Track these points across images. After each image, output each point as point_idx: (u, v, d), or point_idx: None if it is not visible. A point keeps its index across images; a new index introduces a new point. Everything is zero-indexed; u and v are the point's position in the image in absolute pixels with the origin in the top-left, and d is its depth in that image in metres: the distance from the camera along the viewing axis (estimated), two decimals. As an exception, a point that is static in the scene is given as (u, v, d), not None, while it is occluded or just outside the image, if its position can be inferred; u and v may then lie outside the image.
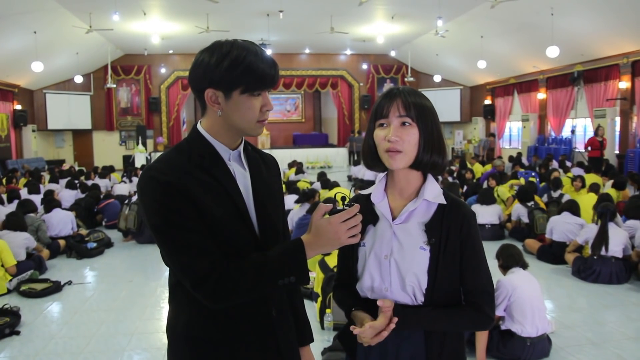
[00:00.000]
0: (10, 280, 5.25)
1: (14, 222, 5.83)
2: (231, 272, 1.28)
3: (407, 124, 1.44)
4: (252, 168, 1.47)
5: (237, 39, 1.39)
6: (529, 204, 7.21)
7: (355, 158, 17.55)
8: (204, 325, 1.39)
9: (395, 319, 1.39)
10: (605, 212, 5.36)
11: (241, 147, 1.46)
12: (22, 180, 11.40)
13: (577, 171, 10.59)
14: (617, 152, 12.41)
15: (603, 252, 5.26)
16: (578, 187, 7.81)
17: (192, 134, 1.43)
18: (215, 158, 1.39)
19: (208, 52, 1.36)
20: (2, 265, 5.20)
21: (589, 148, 12.08)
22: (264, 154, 1.59)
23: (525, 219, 7.10)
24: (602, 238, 5.29)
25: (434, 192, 1.49)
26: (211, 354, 1.40)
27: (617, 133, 12.49)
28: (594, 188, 7.19)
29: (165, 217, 1.29)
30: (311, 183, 9.65)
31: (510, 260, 3.75)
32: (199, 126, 1.43)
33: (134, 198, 8.06)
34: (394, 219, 1.50)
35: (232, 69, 1.31)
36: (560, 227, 6.05)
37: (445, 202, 1.48)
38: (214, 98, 1.35)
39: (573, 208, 6.11)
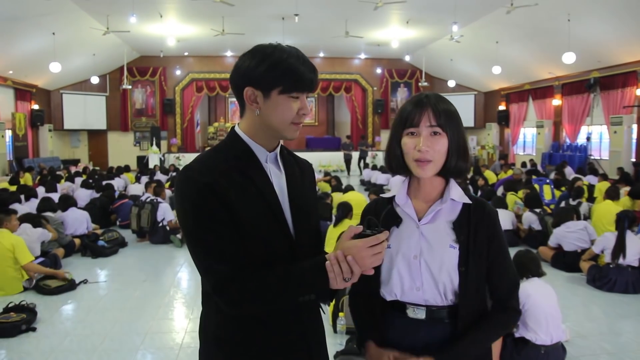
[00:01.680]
0: (28, 279, 5.30)
1: (31, 218, 5.90)
2: (253, 282, 1.30)
3: (437, 134, 1.47)
4: (288, 171, 1.49)
5: (280, 43, 1.42)
6: (538, 211, 7.15)
7: (362, 164, 17.32)
8: (234, 329, 1.41)
9: None
10: (622, 217, 5.29)
11: (278, 150, 1.48)
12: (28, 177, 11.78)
13: (590, 179, 10.49)
14: (633, 159, 12.27)
15: (620, 261, 5.20)
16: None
17: (230, 135, 1.47)
18: (251, 159, 1.42)
19: (251, 53, 1.40)
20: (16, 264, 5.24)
21: None
22: (299, 159, 1.61)
23: (537, 226, 7.04)
24: (619, 245, 5.22)
25: (458, 193, 1.53)
26: (241, 357, 1.41)
27: (634, 140, 12.36)
28: (611, 194, 7.08)
29: (197, 219, 1.32)
30: (330, 184, 9.72)
31: (526, 269, 3.70)
32: (236, 128, 1.46)
33: (147, 197, 8.13)
34: (419, 219, 1.53)
35: (273, 69, 1.34)
36: (566, 238, 6.01)
37: (470, 202, 1.52)
38: (252, 97, 1.38)
39: (563, 216, 6.10)
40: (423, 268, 1.48)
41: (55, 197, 7.72)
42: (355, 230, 1.32)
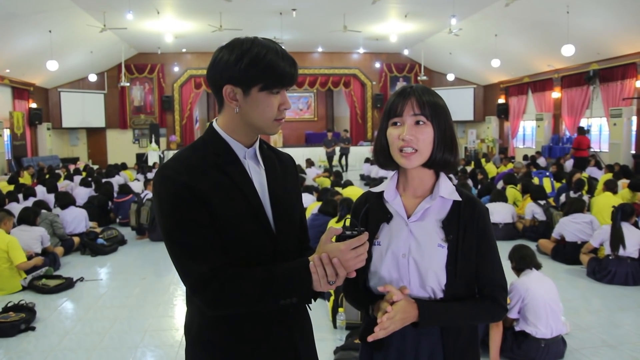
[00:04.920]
0: (25, 278, 5.30)
1: (29, 216, 5.88)
2: (232, 283, 1.27)
3: (421, 123, 1.44)
4: (267, 166, 1.47)
5: (258, 36, 1.38)
6: (542, 203, 7.14)
7: (344, 161, 16.69)
8: (217, 330, 1.39)
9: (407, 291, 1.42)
10: (617, 210, 5.29)
11: (256, 145, 1.46)
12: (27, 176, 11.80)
13: (592, 171, 10.48)
14: (633, 152, 12.24)
15: (621, 252, 5.19)
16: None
17: (208, 132, 1.43)
18: (230, 156, 1.39)
19: (228, 49, 1.35)
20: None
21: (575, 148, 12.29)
22: (280, 153, 1.58)
23: (541, 217, 7.02)
24: (615, 237, 5.21)
25: (448, 189, 1.50)
26: (226, 356, 1.39)
27: (634, 133, 12.32)
28: (610, 186, 7.07)
29: (175, 219, 1.29)
30: (331, 182, 9.71)
31: (522, 262, 3.71)
32: (214, 124, 1.43)
33: (146, 195, 8.12)
34: (408, 216, 1.50)
35: (252, 66, 1.31)
36: (569, 227, 6.01)
37: (460, 199, 1.50)
38: (232, 95, 1.35)
39: (576, 206, 6.08)
40: (411, 267, 1.46)
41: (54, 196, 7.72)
42: (335, 232, 1.30)
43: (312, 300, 1.37)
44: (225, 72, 1.34)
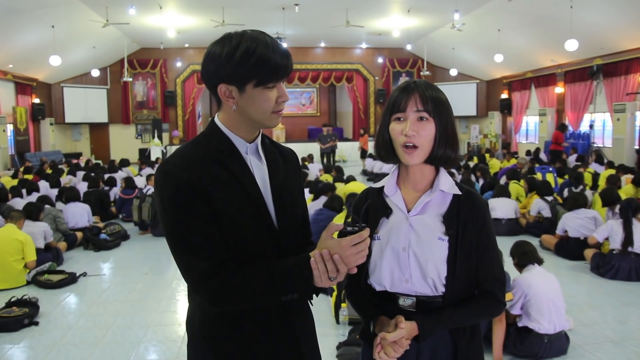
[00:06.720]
0: (29, 272, 5.32)
1: (32, 211, 5.89)
2: (234, 280, 1.27)
3: (424, 119, 1.45)
4: (269, 161, 1.46)
5: (247, 29, 1.35)
6: (549, 199, 7.11)
7: (325, 161, 15.53)
8: (219, 326, 1.39)
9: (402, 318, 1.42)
10: (627, 206, 5.26)
11: (258, 140, 1.45)
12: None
13: (594, 167, 10.44)
14: (636, 147, 12.19)
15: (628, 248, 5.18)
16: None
17: (209, 127, 1.42)
18: (232, 151, 1.38)
19: (218, 45, 1.34)
20: (22, 258, 5.26)
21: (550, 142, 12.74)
22: (282, 148, 1.57)
23: (547, 213, 7.00)
24: (627, 234, 5.18)
25: (448, 184, 1.52)
26: (228, 351, 1.39)
27: (637, 128, 12.26)
28: (612, 181, 7.04)
29: (176, 215, 1.29)
30: (333, 177, 9.68)
31: (524, 258, 3.71)
32: (216, 119, 1.42)
33: (148, 190, 8.13)
34: (408, 211, 1.51)
35: (243, 62, 1.28)
36: (571, 223, 5.99)
37: (460, 193, 1.51)
38: (227, 93, 1.34)
39: (579, 201, 6.05)
40: (412, 260, 1.46)
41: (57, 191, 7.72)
42: (336, 228, 1.29)
43: (314, 295, 1.36)
44: (218, 71, 1.32)
